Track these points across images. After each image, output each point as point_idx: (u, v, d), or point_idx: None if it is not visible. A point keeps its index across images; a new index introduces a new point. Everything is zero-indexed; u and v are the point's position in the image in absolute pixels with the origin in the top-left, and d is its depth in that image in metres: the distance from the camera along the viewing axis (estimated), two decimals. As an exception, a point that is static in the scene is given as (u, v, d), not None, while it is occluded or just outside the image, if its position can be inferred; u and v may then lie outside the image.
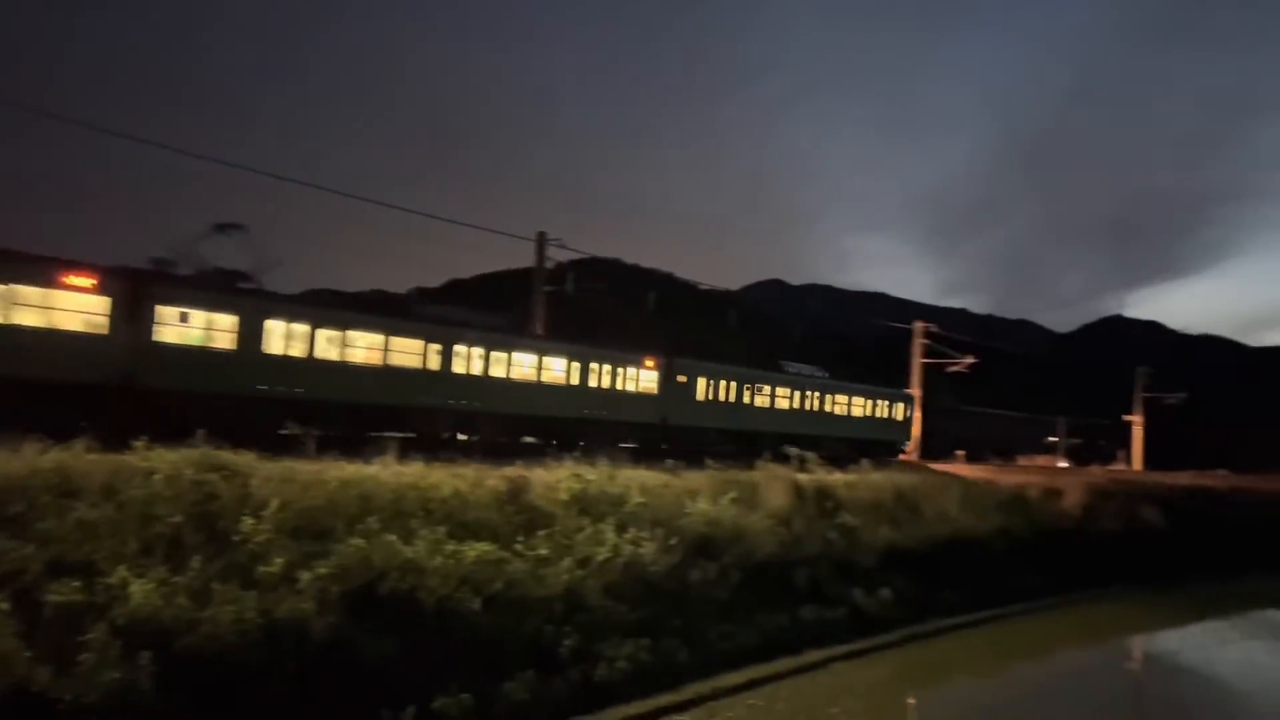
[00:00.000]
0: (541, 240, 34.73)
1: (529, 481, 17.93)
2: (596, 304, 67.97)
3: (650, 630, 15.91)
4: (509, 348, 27.47)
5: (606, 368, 30.53)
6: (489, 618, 13.82)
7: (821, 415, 42.06)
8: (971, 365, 52.28)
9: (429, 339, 24.95)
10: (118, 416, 16.73)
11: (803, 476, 25.43)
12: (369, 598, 13.01)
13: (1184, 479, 52.43)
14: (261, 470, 14.62)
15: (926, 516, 26.87)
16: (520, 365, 27.83)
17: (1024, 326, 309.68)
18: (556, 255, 35.48)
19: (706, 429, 34.39)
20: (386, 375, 23.82)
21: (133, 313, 18.42)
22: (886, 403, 46.98)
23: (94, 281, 17.92)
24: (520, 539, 15.97)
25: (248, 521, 12.85)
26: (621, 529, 17.62)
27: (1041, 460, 65.35)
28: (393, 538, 13.92)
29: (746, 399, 37.20)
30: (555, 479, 18.87)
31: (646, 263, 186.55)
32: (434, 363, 24.99)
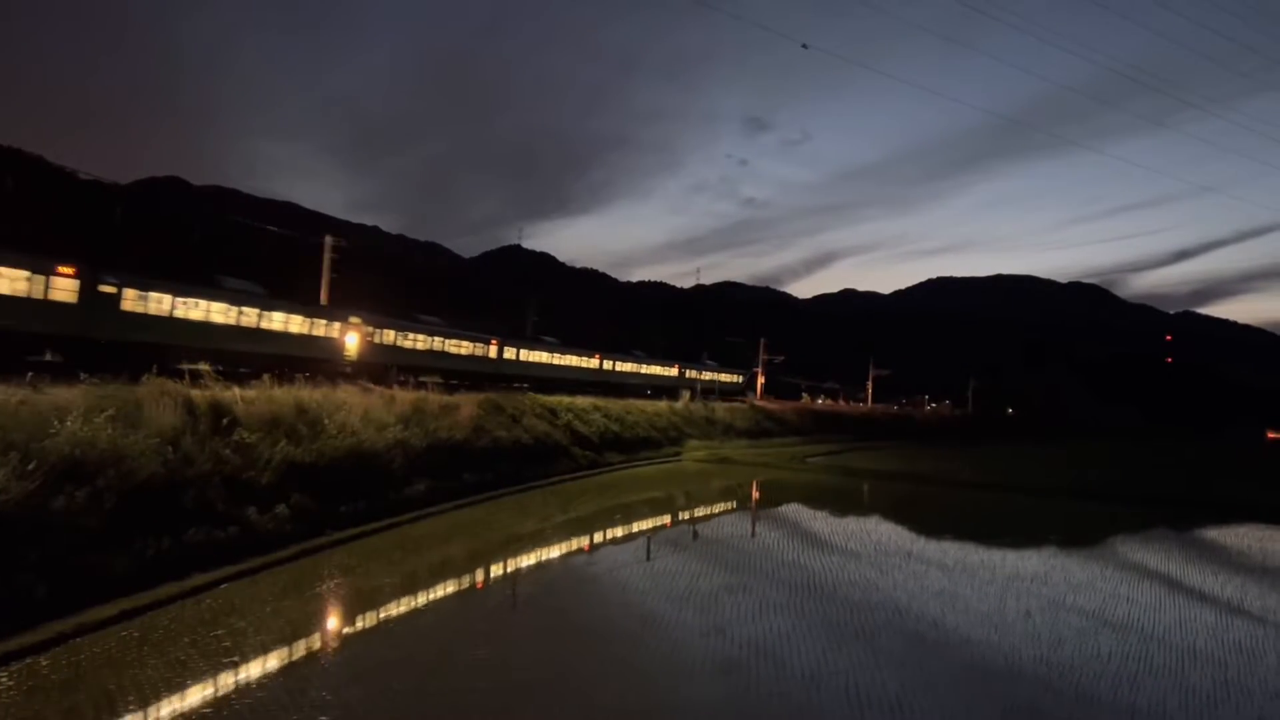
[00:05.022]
0: None
1: None
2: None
3: (-3, 568, 13.97)
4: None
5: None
6: None
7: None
8: None
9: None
10: None
11: (196, 393, 23.96)
12: None
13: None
14: None
15: (329, 431, 27.15)
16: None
17: (434, 249, 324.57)
18: None
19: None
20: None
21: None
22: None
23: None
24: None
25: None
26: (-43, 456, 15.06)
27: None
28: None
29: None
30: None
31: (7, 140, 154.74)
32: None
